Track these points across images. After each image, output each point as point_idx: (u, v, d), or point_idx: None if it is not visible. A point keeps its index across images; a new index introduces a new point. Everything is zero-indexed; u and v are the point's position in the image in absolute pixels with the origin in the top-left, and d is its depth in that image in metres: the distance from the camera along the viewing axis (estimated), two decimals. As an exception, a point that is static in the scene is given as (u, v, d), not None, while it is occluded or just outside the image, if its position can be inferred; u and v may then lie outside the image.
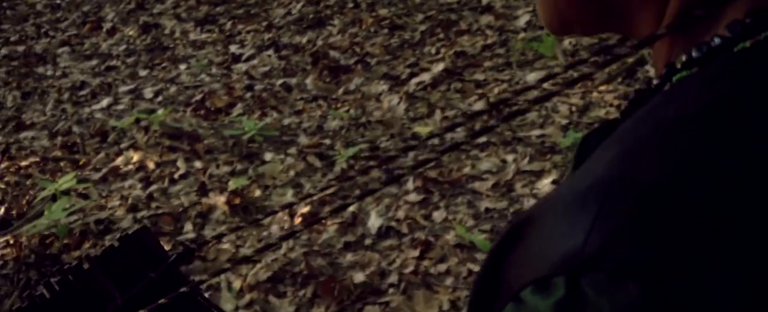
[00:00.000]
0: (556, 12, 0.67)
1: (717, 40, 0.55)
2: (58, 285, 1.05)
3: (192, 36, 6.54)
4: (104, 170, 4.56)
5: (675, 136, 0.51)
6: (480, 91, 4.83)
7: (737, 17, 0.55)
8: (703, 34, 0.57)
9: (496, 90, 4.80)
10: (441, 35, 5.66)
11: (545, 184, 3.80)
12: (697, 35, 0.58)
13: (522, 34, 5.41)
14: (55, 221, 3.90)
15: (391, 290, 3.25)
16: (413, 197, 3.84)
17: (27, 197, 4.42)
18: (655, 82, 0.60)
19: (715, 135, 0.50)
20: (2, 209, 4.34)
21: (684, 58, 0.57)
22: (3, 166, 4.86)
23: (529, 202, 3.69)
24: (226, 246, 3.69)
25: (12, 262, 3.83)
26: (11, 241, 3.98)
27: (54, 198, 4.16)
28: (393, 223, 3.67)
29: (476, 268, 3.30)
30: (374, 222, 3.68)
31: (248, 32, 6.37)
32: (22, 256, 3.82)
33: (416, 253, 3.43)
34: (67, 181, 4.19)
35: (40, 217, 4.08)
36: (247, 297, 3.33)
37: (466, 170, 4.00)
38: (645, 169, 0.49)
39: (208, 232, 3.86)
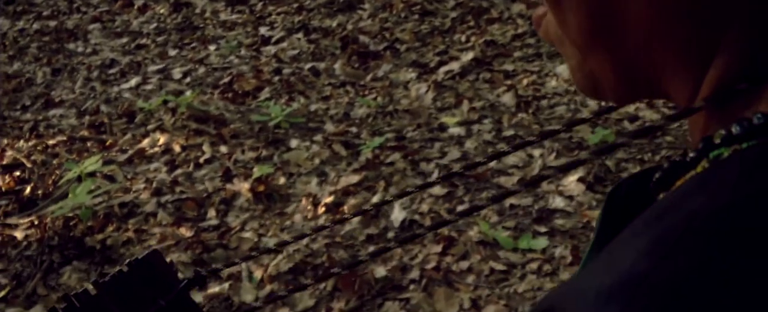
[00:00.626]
0: (588, 75, 0.64)
1: (759, 118, 0.52)
2: (63, 312, 1.03)
3: (222, 16, 6.53)
4: (130, 152, 4.57)
5: (708, 234, 0.47)
6: (509, 82, 4.79)
7: None
8: (743, 108, 0.54)
9: (525, 81, 4.75)
10: (471, 23, 5.62)
11: (571, 181, 3.76)
12: (737, 109, 0.54)
13: (553, 24, 5.35)
14: (80, 204, 3.91)
15: (411, 286, 3.23)
16: (437, 190, 3.81)
17: (53, 177, 4.43)
18: (691, 154, 0.57)
19: (751, 238, 0.47)
20: (28, 189, 4.35)
21: (723, 133, 0.53)
22: (31, 144, 4.88)
23: (554, 200, 3.66)
24: (248, 234, 3.69)
25: (36, 243, 3.84)
26: (36, 222, 3.99)
27: (79, 179, 4.18)
28: (416, 217, 3.65)
29: (499, 267, 3.27)
30: (397, 215, 3.66)
31: (278, 14, 6.35)
32: (46, 238, 3.83)
33: (439, 248, 3.41)
34: (92, 163, 4.19)
35: (65, 198, 4.09)
36: (268, 288, 3.33)
37: (492, 164, 3.97)
38: (673, 270, 0.46)
39: (231, 219, 3.86)
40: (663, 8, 0.55)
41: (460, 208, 3.69)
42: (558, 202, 3.64)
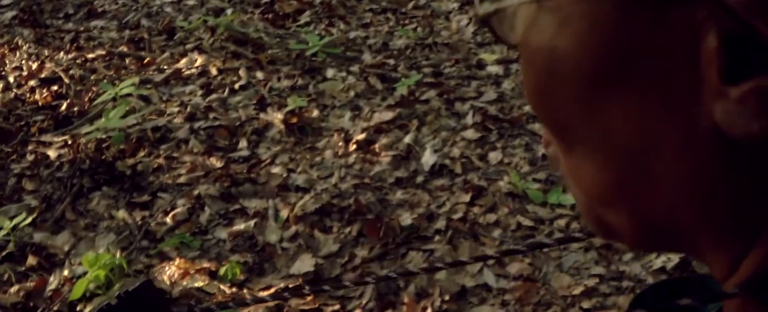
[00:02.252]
0: (599, 220, 0.54)
1: None
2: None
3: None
4: (167, 72, 4.55)
5: None
6: (553, 19, 4.68)
7: None
8: None
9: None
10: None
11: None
12: None
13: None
14: (113, 127, 3.91)
15: (437, 237, 3.21)
16: (471, 134, 3.76)
17: (89, 94, 4.44)
18: None
19: None
20: (64, 105, 4.36)
21: None
22: (70, 56, 4.88)
23: (588, 152, 3.59)
24: (277, 170, 3.67)
25: (67, 164, 3.86)
26: (69, 142, 4.01)
27: (114, 100, 4.18)
28: (447, 161, 3.61)
29: (526, 222, 3.24)
30: (428, 158, 3.63)
31: (325, -71, 6.24)
32: (78, 160, 3.85)
33: (467, 198, 3.38)
34: (127, 85, 4.18)
35: (99, 118, 4.09)
36: (293, 229, 3.32)
37: (527, 108, 3.90)
38: None
39: (262, 151, 3.84)
40: (705, 182, 0.47)
41: (491, 154, 3.65)
42: (592, 155, 3.57)
